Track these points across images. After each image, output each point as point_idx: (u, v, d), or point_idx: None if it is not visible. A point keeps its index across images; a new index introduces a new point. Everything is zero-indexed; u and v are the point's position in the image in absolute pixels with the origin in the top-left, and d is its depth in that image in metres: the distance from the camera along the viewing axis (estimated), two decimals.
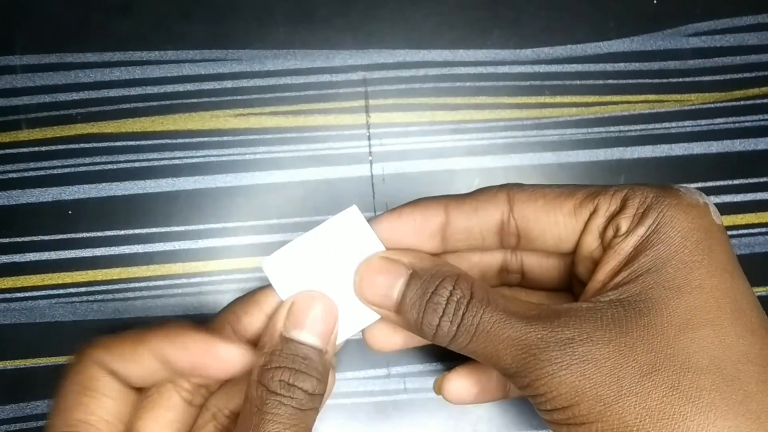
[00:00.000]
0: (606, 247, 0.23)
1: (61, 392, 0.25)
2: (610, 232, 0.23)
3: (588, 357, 0.20)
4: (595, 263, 0.23)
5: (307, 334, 0.24)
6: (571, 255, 0.25)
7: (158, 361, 0.24)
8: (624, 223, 0.22)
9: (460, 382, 0.27)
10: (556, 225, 0.24)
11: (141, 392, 0.26)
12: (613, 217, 0.23)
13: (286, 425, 0.23)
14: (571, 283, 0.26)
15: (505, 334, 0.22)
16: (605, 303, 0.21)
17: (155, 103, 0.31)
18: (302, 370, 0.23)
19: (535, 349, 0.21)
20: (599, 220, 0.23)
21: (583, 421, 0.20)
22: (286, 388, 0.23)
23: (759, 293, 0.32)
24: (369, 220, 0.25)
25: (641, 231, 0.22)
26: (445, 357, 0.31)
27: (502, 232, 0.25)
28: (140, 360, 0.24)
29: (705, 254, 0.22)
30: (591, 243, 0.23)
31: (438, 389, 0.27)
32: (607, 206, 0.23)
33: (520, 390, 0.22)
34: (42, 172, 0.30)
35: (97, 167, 0.30)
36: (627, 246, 0.22)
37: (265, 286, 0.26)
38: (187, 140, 0.31)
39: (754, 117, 0.32)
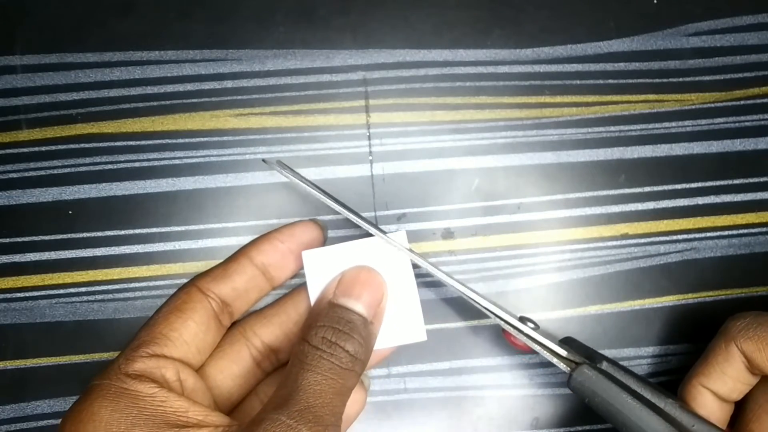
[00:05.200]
0: None
1: (157, 310, 0.27)
2: None
3: None
4: None
5: (354, 302, 0.25)
6: None
7: (247, 274, 0.28)
8: None
9: None
10: None
11: (225, 335, 0.28)
12: None
13: (325, 377, 0.23)
14: None
15: None
16: None
17: (155, 103, 0.31)
18: (345, 330, 0.24)
19: None
20: None
21: None
22: (327, 344, 0.24)
23: (759, 293, 0.32)
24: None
25: None
26: (445, 357, 0.31)
27: None
28: (231, 276, 0.27)
29: None
30: None
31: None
32: None
33: None
34: (42, 172, 0.30)
35: (97, 167, 0.30)
36: None
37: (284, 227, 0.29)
38: (187, 140, 0.31)
39: (754, 116, 0.32)
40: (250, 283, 0.28)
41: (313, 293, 0.26)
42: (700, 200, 0.32)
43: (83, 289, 0.30)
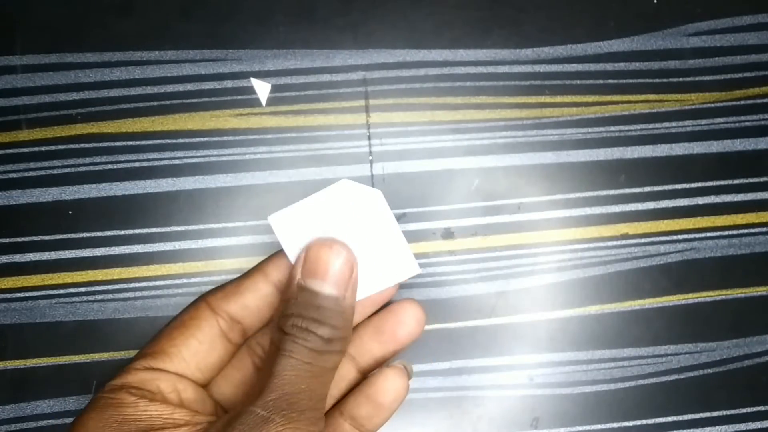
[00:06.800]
0: None
1: (165, 324, 0.27)
2: None
3: None
4: None
5: (321, 283, 0.24)
6: None
7: (260, 291, 0.27)
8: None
9: None
10: None
11: (234, 354, 0.28)
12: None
13: (299, 361, 0.23)
14: None
15: None
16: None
17: (155, 103, 0.31)
18: (315, 317, 0.24)
19: None
20: None
21: None
22: (299, 330, 0.24)
23: (759, 293, 0.32)
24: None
25: None
26: (445, 357, 0.31)
27: None
28: (242, 294, 0.27)
29: None
30: None
31: None
32: None
33: None
34: (42, 172, 0.30)
35: (97, 167, 0.30)
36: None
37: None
38: (187, 140, 0.31)
39: (755, 116, 0.32)
40: (262, 300, 0.27)
41: (293, 258, 0.26)
42: (700, 200, 0.32)
43: (83, 289, 0.30)
